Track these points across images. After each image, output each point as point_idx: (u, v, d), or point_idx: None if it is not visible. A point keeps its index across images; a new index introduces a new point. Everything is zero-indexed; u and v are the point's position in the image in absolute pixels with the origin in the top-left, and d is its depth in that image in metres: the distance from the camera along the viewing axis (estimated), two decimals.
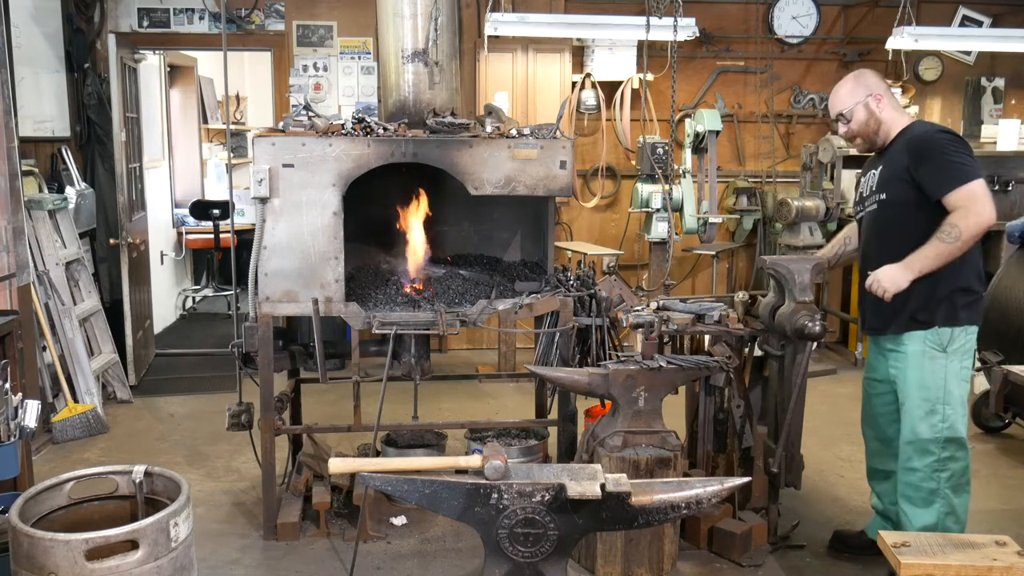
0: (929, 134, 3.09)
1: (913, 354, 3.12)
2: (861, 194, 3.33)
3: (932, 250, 2.96)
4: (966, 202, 2.93)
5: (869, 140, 3.23)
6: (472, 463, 1.85)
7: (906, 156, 3.06)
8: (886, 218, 3.17)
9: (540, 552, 1.76)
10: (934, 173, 2.98)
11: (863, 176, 3.36)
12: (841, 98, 3.21)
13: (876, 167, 3.24)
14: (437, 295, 3.67)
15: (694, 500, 1.81)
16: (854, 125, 3.20)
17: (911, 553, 2.46)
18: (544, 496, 1.75)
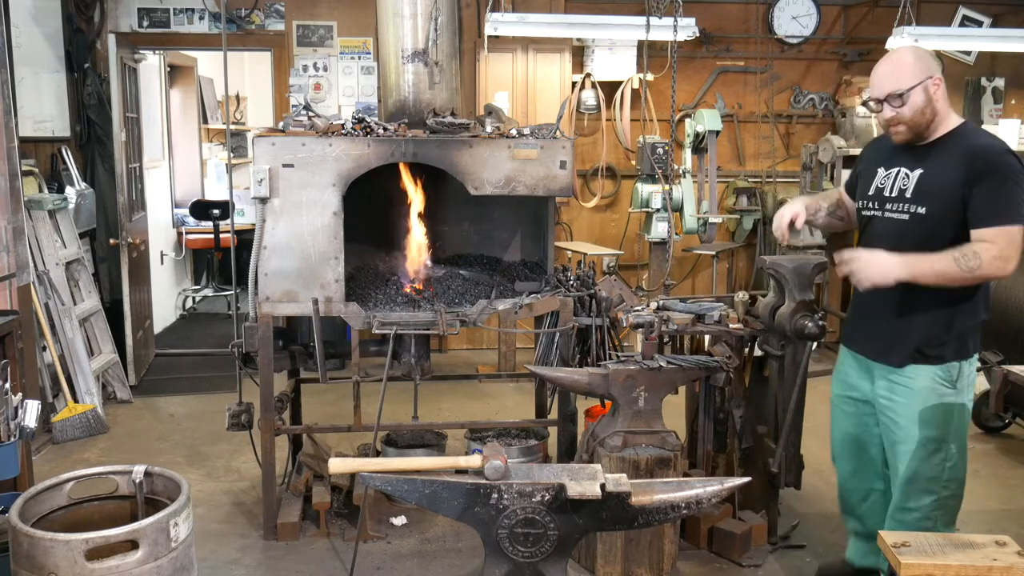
0: (997, 153, 2.61)
1: (921, 390, 2.75)
2: (880, 191, 2.81)
3: (941, 266, 2.56)
4: (1004, 243, 2.54)
5: (916, 132, 2.68)
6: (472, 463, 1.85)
7: (962, 168, 2.59)
8: (920, 235, 2.65)
9: (540, 552, 1.76)
10: (987, 199, 2.55)
11: (879, 167, 2.83)
12: (902, 75, 2.62)
13: (909, 167, 2.73)
14: (437, 295, 3.67)
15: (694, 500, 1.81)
16: (907, 110, 2.63)
17: (911, 553, 2.46)
18: (544, 496, 1.75)
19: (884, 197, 2.78)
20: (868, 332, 2.89)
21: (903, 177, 2.73)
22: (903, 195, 2.71)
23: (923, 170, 2.67)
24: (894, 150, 2.79)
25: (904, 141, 2.71)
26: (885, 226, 2.77)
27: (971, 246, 2.54)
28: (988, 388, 4.66)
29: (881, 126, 2.71)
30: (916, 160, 2.71)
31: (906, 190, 2.70)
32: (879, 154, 2.87)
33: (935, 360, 2.74)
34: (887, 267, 2.58)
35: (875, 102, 2.68)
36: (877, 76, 2.68)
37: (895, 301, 2.75)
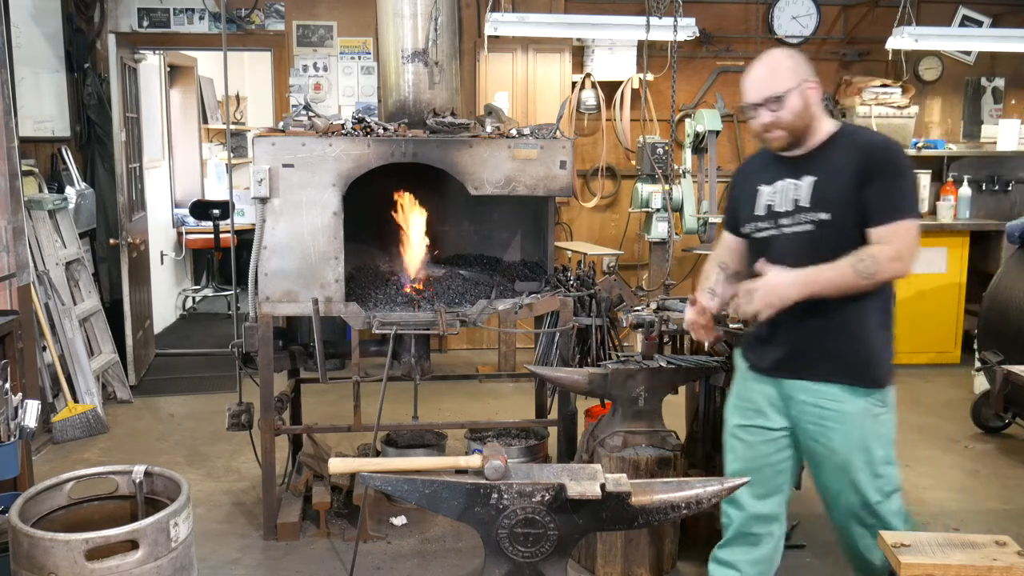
0: (887, 148, 2.49)
1: (855, 414, 2.59)
2: (771, 208, 2.58)
3: (838, 276, 2.39)
4: (900, 241, 2.39)
5: (795, 137, 2.52)
6: (472, 463, 1.85)
7: (856, 167, 2.44)
8: (830, 242, 2.46)
9: (540, 552, 1.76)
10: (884, 194, 2.41)
11: (761, 186, 2.62)
12: (779, 78, 2.47)
13: (795, 176, 2.54)
14: (437, 295, 3.67)
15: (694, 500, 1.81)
16: (786, 114, 2.46)
17: (911, 553, 2.46)
18: (544, 496, 1.74)
19: (777, 213, 2.56)
20: (785, 348, 2.58)
21: (792, 188, 2.53)
22: (799, 206, 2.51)
23: (815, 176, 2.50)
24: (771, 166, 2.60)
25: (781, 148, 2.54)
26: (789, 242, 2.54)
27: (867, 249, 2.39)
28: (988, 388, 4.67)
29: (756, 133, 2.54)
30: (801, 169, 2.53)
31: (800, 200, 2.51)
32: (755, 175, 2.67)
33: (869, 384, 2.62)
34: (783, 288, 2.39)
35: (751, 107, 2.51)
36: (752, 80, 2.51)
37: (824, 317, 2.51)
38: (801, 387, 2.57)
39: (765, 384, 2.66)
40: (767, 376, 2.65)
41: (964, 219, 6.47)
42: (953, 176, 6.62)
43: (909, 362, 6.42)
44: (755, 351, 2.70)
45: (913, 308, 6.37)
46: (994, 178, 6.87)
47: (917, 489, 4.28)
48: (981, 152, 6.82)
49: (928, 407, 5.53)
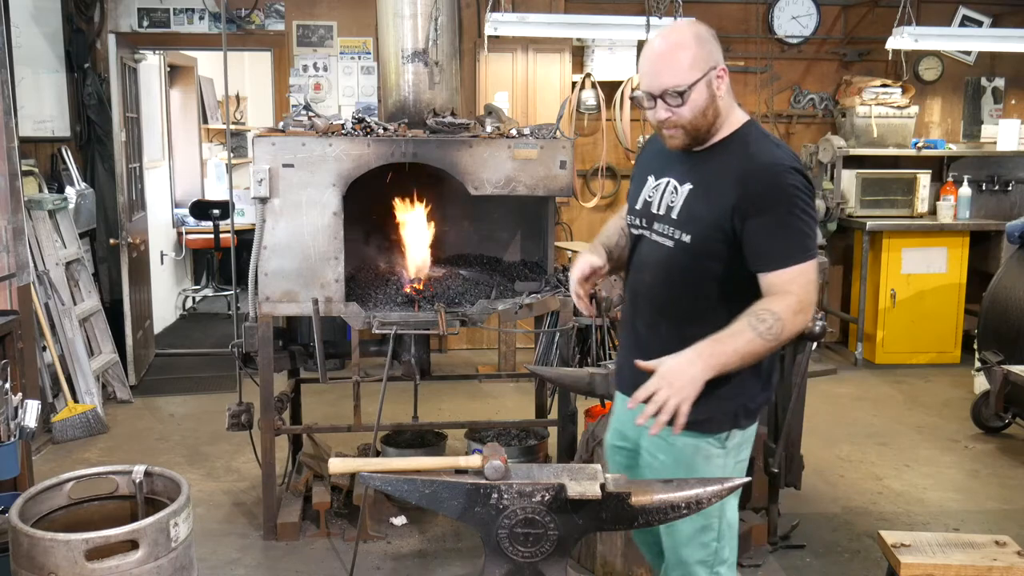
0: (779, 172, 2.02)
1: (684, 448, 2.13)
2: (648, 205, 2.21)
3: (742, 344, 1.96)
4: (801, 290, 1.99)
5: (695, 136, 2.10)
6: (472, 463, 1.85)
7: (736, 190, 2.01)
8: (684, 270, 2.12)
9: (540, 552, 1.76)
10: (772, 234, 2.00)
11: (650, 175, 2.25)
12: (682, 65, 2.03)
13: (679, 178, 2.15)
14: (437, 295, 3.67)
15: (694, 500, 1.81)
16: (687, 111, 2.04)
17: (911, 553, 2.46)
18: (544, 496, 1.74)
19: (652, 214, 2.19)
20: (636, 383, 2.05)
21: (671, 191, 2.15)
22: (669, 215, 2.14)
23: (692, 185, 2.10)
24: (666, 156, 2.21)
25: (679, 147, 2.13)
26: (651, 251, 2.19)
27: (767, 308, 1.97)
28: (988, 388, 4.67)
29: (653, 127, 2.14)
30: (687, 171, 2.14)
31: (673, 208, 2.13)
32: (651, 159, 2.28)
33: (704, 428, 2.13)
34: (691, 378, 1.92)
35: (647, 97, 2.07)
36: (651, 64, 2.07)
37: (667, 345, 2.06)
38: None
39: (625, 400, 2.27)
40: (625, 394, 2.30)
41: (964, 219, 6.47)
42: (953, 176, 6.62)
43: (909, 362, 6.42)
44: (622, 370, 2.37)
45: (913, 308, 6.37)
46: (994, 178, 6.87)
47: (917, 489, 4.28)
48: (981, 152, 6.82)
49: (928, 407, 5.53)
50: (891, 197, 6.58)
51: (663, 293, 2.17)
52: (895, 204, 6.59)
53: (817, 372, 5.99)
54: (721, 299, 2.09)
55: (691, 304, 2.13)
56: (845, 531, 3.82)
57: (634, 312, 2.27)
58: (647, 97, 2.07)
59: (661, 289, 2.17)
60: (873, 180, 6.55)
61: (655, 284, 2.18)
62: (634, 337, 2.26)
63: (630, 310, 2.28)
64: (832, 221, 6.41)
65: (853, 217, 6.48)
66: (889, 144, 6.61)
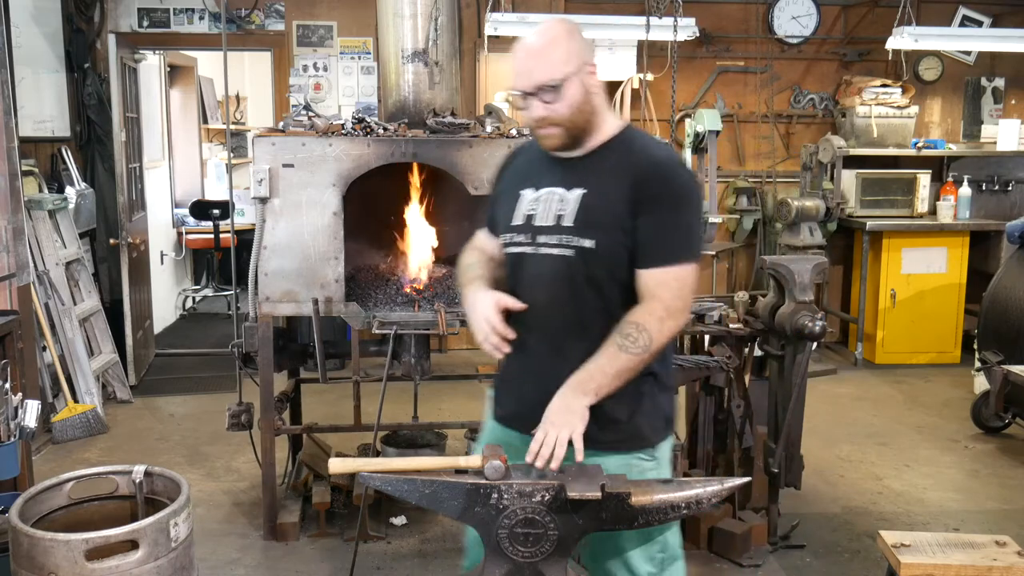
0: (674, 170, 2.01)
1: (618, 469, 2.00)
2: (530, 219, 2.07)
3: (613, 364, 1.91)
4: (669, 294, 1.94)
5: (573, 135, 2.02)
6: (472, 463, 1.84)
7: (631, 188, 1.96)
8: (589, 277, 2.00)
9: (540, 552, 1.76)
10: (659, 230, 1.95)
11: (525, 189, 2.11)
12: (555, 60, 1.95)
13: (565, 185, 2.04)
14: (437, 295, 3.67)
15: (694, 500, 1.81)
16: (564, 107, 1.96)
17: (911, 553, 2.46)
18: (544, 496, 1.74)
19: (536, 228, 2.05)
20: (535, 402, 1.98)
21: (558, 201, 2.04)
22: (560, 224, 2.02)
23: (585, 190, 2.01)
24: (542, 166, 2.10)
25: (557, 147, 2.04)
26: (542, 266, 2.04)
27: (632, 320, 1.92)
28: (988, 388, 4.67)
29: (527, 127, 2.05)
30: (572, 177, 2.04)
31: (564, 216, 2.01)
32: (522, 173, 2.16)
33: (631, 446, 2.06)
34: (568, 409, 1.88)
35: (521, 95, 2.00)
36: (523, 62, 1.99)
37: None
38: None
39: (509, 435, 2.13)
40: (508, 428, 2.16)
41: (964, 219, 6.47)
42: (953, 176, 6.62)
43: (909, 362, 6.42)
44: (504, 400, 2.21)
45: (913, 308, 6.38)
46: (994, 178, 6.87)
47: (917, 489, 4.28)
48: (981, 152, 6.82)
49: (928, 407, 5.53)
50: (891, 197, 6.58)
51: (566, 308, 2.02)
52: (895, 204, 6.59)
53: (817, 372, 6.00)
54: (621, 302, 2.00)
55: (599, 315, 2.00)
56: (845, 531, 3.82)
57: (528, 337, 2.05)
58: (521, 96, 2.00)
59: (563, 304, 2.02)
60: (873, 180, 6.55)
61: (555, 300, 2.03)
62: (533, 363, 2.08)
63: (522, 336, 2.04)
64: (832, 221, 6.41)
65: (853, 217, 6.49)
66: (889, 144, 6.62)
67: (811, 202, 6.26)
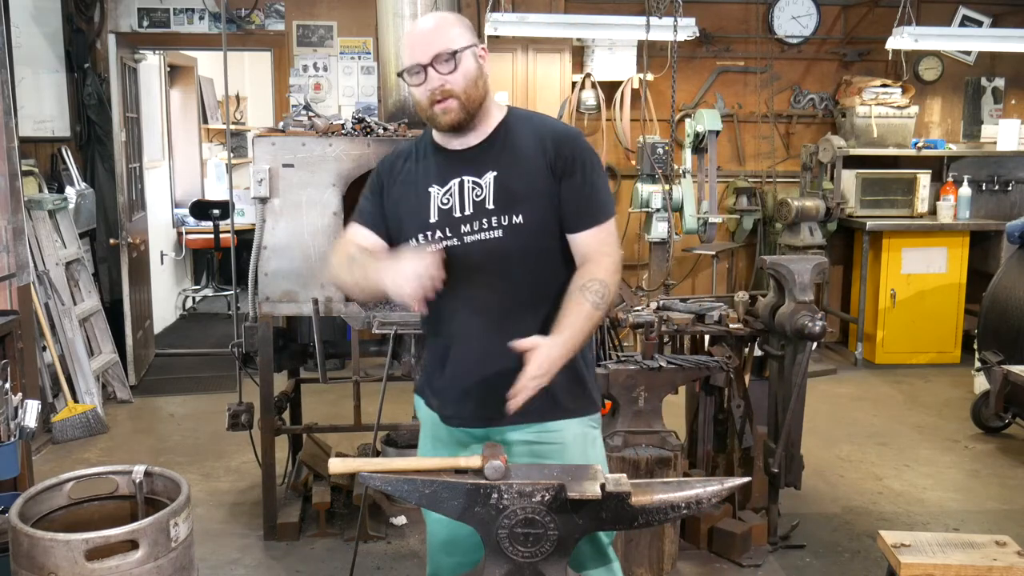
0: (577, 137, 2.11)
1: (573, 441, 2.11)
2: (447, 213, 2.07)
3: (582, 319, 1.96)
4: (611, 248, 2.05)
5: (469, 110, 2.03)
6: (472, 463, 1.84)
7: (545, 159, 2.04)
8: (523, 252, 2.05)
9: (540, 552, 1.76)
10: (582, 194, 2.04)
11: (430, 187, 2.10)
12: (450, 33, 2.01)
13: (474, 173, 2.07)
14: None
15: (694, 500, 1.80)
16: (460, 77, 2.00)
17: (911, 553, 2.46)
18: (544, 496, 1.74)
19: (456, 219, 2.06)
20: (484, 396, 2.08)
21: (472, 187, 2.06)
22: (483, 208, 2.04)
23: (496, 171, 2.05)
24: (439, 162, 2.11)
25: (453, 124, 2.03)
26: (471, 253, 2.06)
27: (592, 277, 1.99)
28: (988, 388, 4.67)
29: (421, 103, 2.05)
30: (478, 163, 2.07)
31: (485, 200, 2.04)
32: (419, 173, 2.14)
33: (584, 412, 2.16)
34: (553, 366, 1.92)
35: (417, 69, 2.00)
36: (419, 38, 2.02)
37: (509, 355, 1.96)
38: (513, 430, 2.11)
39: (466, 434, 2.21)
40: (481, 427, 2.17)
41: (964, 219, 6.47)
42: (953, 176, 6.62)
43: (909, 362, 6.42)
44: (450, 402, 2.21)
45: (913, 308, 6.38)
46: (994, 178, 6.87)
47: (917, 489, 4.28)
48: (981, 152, 6.82)
49: (928, 407, 5.53)
50: (891, 197, 6.58)
51: (505, 288, 2.07)
52: (895, 204, 6.59)
53: (817, 372, 6.01)
54: (562, 275, 2.06)
55: (535, 288, 2.07)
56: (845, 531, 3.82)
57: (469, 327, 2.10)
58: (416, 70, 2.00)
59: (501, 285, 2.06)
60: (873, 180, 6.55)
61: (491, 284, 2.06)
62: (478, 352, 2.09)
63: (464, 327, 2.11)
64: (832, 221, 6.41)
65: (853, 217, 6.48)
66: (889, 144, 6.62)
67: (811, 202, 6.26)
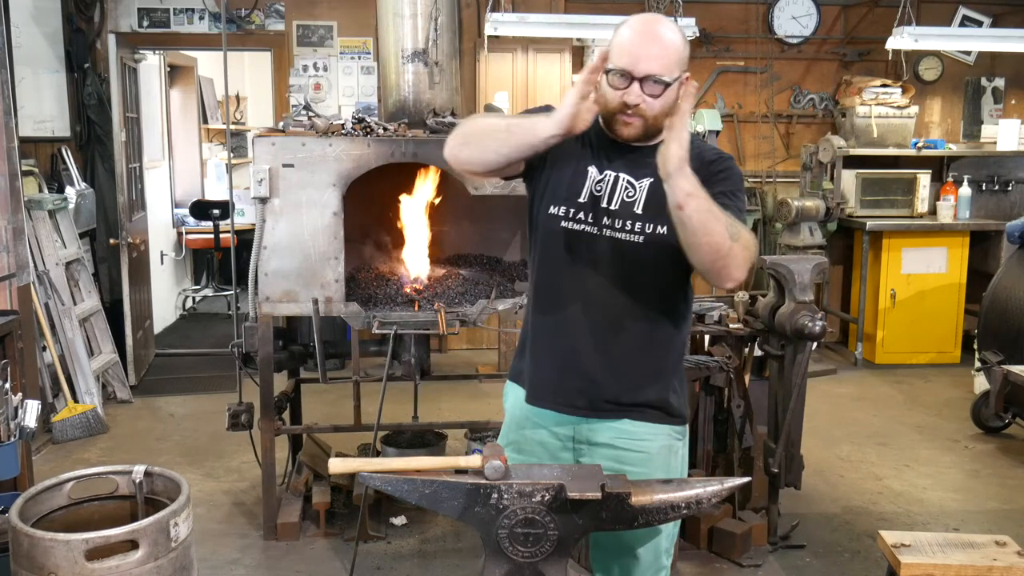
0: (730, 159, 2.09)
1: (658, 452, 2.10)
2: (596, 200, 2.04)
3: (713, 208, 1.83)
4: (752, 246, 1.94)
5: (649, 133, 1.98)
6: (472, 463, 1.84)
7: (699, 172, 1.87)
8: (658, 263, 2.02)
9: (540, 552, 1.76)
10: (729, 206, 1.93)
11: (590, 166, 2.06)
12: (672, 59, 1.91)
13: (633, 174, 2.03)
14: (437, 295, 3.67)
15: (694, 500, 1.80)
16: (659, 105, 1.92)
17: (911, 553, 2.46)
18: (544, 496, 1.74)
19: (602, 209, 2.03)
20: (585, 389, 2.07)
21: (626, 187, 2.02)
22: (631, 210, 2.01)
23: (653, 179, 1.94)
24: (606, 147, 2.06)
25: (631, 138, 1.99)
26: (606, 247, 2.03)
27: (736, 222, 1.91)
28: (988, 388, 4.67)
29: (609, 103, 1.95)
30: (640, 165, 2.01)
31: (634, 203, 2.01)
32: (582, 149, 2.08)
33: (677, 420, 2.14)
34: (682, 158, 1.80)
35: (626, 76, 1.90)
36: (643, 45, 1.90)
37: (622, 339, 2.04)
38: (600, 424, 2.09)
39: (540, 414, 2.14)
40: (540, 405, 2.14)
41: (964, 219, 6.47)
42: (953, 176, 6.62)
43: (909, 362, 6.42)
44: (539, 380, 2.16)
45: (913, 308, 6.38)
46: (994, 178, 6.87)
47: (917, 489, 4.28)
48: (981, 152, 6.82)
49: (928, 407, 5.53)
50: (891, 197, 6.58)
51: (628, 289, 2.04)
52: (895, 204, 6.59)
53: (817, 372, 6.01)
54: (681, 290, 2.11)
55: (656, 297, 2.07)
56: (845, 531, 3.82)
57: (582, 316, 2.06)
58: (624, 76, 1.91)
59: (626, 286, 2.04)
60: (873, 180, 6.55)
61: (617, 283, 2.04)
62: (586, 341, 2.07)
63: (575, 317, 2.06)
64: (832, 221, 6.41)
65: (853, 217, 6.49)
66: (889, 144, 6.62)
67: (811, 202, 6.26)
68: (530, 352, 2.19)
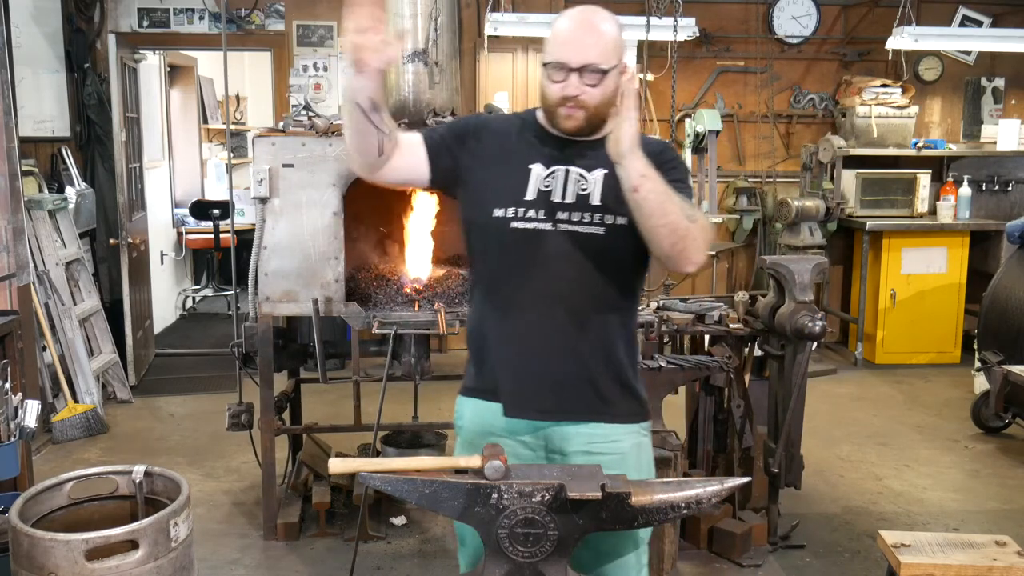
0: (668, 144, 2.11)
1: (631, 451, 2.09)
2: (546, 195, 2.01)
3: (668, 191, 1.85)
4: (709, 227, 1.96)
5: (592, 124, 1.96)
6: (472, 463, 1.84)
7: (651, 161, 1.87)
8: (614, 252, 2.01)
9: (540, 552, 1.76)
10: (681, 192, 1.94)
11: (533, 164, 2.03)
12: (608, 47, 1.91)
13: (584, 166, 2.01)
14: (437, 295, 3.67)
15: (694, 500, 1.80)
16: (599, 94, 1.92)
17: (911, 553, 2.46)
18: (544, 496, 1.74)
19: (554, 204, 2.00)
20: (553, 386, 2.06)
21: (578, 180, 2.00)
22: (587, 203, 1.99)
23: (607, 170, 1.96)
24: (548, 143, 2.04)
25: (574, 130, 1.98)
26: (565, 242, 1.99)
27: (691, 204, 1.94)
28: (988, 388, 4.67)
29: (549, 97, 1.96)
30: (589, 158, 2.01)
31: (589, 195, 1.99)
32: (518, 148, 2.07)
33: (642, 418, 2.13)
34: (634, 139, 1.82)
35: (563, 69, 1.90)
36: (578, 36, 1.91)
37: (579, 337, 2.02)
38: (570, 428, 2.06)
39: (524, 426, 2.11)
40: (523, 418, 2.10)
41: (964, 219, 6.47)
42: (953, 176, 6.62)
43: (909, 362, 6.42)
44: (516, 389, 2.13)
45: (913, 308, 6.38)
46: (994, 178, 6.87)
47: (917, 489, 4.28)
48: (981, 152, 6.82)
49: (928, 407, 5.53)
50: (891, 197, 6.58)
51: (592, 283, 2.02)
52: (895, 204, 6.59)
53: (817, 372, 6.01)
54: (638, 282, 2.13)
55: (619, 289, 2.06)
56: (845, 531, 3.82)
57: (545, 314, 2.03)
58: (560, 68, 1.91)
59: (589, 280, 2.02)
60: (873, 180, 6.55)
61: (580, 276, 2.01)
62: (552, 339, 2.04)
63: (537, 317, 2.03)
64: (832, 221, 6.41)
65: (853, 217, 6.49)
66: (889, 144, 6.62)
67: (811, 202, 6.26)
68: (496, 363, 2.17)
